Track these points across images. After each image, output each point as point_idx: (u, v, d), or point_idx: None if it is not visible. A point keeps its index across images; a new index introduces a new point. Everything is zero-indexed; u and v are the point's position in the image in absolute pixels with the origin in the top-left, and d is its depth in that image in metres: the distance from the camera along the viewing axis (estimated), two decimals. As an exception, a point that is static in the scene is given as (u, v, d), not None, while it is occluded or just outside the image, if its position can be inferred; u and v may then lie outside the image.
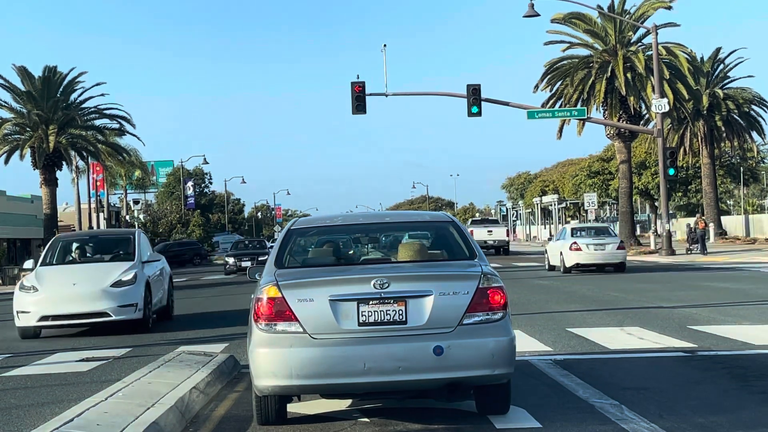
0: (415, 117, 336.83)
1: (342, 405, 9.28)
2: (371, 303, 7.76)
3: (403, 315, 7.78)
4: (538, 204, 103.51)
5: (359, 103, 42.18)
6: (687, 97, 55.26)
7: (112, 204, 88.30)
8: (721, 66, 67.32)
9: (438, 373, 7.69)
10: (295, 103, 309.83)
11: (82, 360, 13.90)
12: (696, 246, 47.05)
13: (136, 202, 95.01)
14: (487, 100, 43.92)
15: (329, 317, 7.74)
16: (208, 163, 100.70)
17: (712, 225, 61.10)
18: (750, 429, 7.95)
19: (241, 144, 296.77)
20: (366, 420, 8.70)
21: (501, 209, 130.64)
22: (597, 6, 53.32)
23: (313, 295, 7.81)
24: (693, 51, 59.09)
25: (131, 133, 62.63)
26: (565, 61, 57.64)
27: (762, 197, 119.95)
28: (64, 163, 59.84)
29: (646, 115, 59.56)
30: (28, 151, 56.19)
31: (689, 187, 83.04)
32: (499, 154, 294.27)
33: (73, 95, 59.67)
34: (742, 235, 66.89)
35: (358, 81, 42.02)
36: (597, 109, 56.51)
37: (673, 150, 48.59)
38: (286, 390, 7.93)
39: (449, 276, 8.15)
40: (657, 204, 77.04)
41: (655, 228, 56.94)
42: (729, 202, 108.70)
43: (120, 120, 61.07)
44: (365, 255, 10.31)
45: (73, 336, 17.98)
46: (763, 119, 67.37)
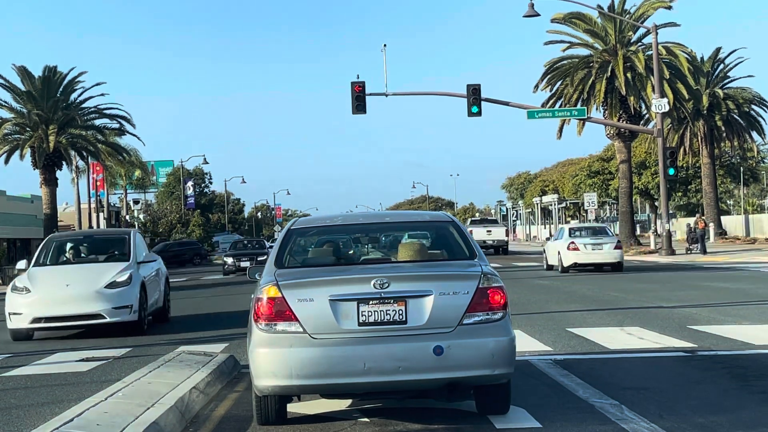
0: (415, 117, 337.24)
1: (342, 405, 9.28)
2: (371, 303, 7.76)
3: (403, 315, 7.78)
4: (538, 204, 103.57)
5: (359, 103, 42.18)
6: (687, 96, 55.27)
7: (112, 204, 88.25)
8: (721, 66, 67.31)
9: (438, 373, 7.68)
10: (295, 103, 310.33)
11: (82, 360, 13.88)
12: (696, 246, 47.04)
13: (136, 202, 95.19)
14: (487, 100, 43.95)
15: (329, 317, 7.74)
16: (208, 163, 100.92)
17: (712, 225, 61.12)
18: (750, 429, 7.95)
19: (241, 144, 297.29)
20: (366, 420, 8.70)
21: (501, 209, 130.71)
22: (597, 6, 53.39)
23: (313, 295, 7.81)
24: (693, 51, 59.09)
25: (131, 133, 62.63)
26: (565, 61, 57.65)
27: (762, 197, 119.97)
28: (64, 163, 59.79)
29: (646, 115, 59.55)
30: (28, 151, 56.13)
31: (689, 187, 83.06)
32: (499, 154, 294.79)
33: (73, 95, 59.62)
34: (742, 235, 66.88)
35: (358, 81, 42.03)
36: (597, 109, 56.56)
37: (673, 150, 48.61)
38: (286, 390, 7.93)
39: (449, 276, 8.14)
40: (657, 204, 77.04)
41: (655, 228, 56.95)
42: (729, 202, 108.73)
43: (120, 120, 61.06)
44: (365, 255, 10.32)
45: (72, 336, 17.88)
46: (763, 119, 67.47)
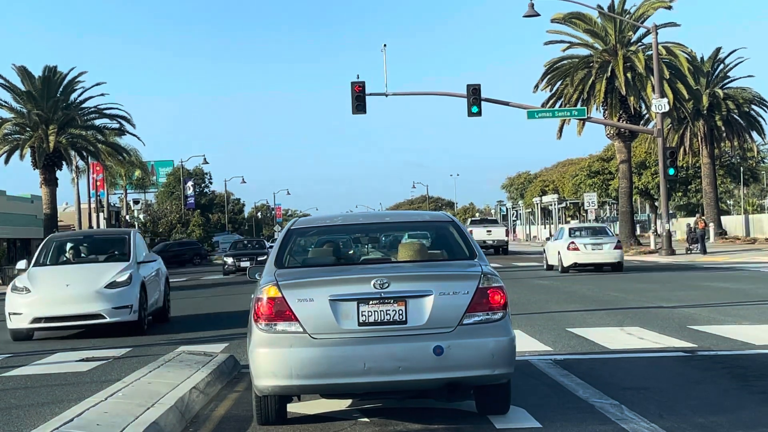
0: (415, 117, 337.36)
1: (342, 405, 9.28)
2: (371, 303, 7.76)
3: (403, 315, 7.77)
4: (538, 204, 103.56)
5: (359, 103, 42.18)
6: (687, 96, 55.27)
7: (112, 204, 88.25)
8: (721, 66, 67.31)
9: (438, 373, 7.68)
10: (295, 103, 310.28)
11: (82, 360, 13.88)
12: (696, 246, 47.04)
13: (136, 202, 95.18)
14: (487, 100, 43.95)
15: (329, 317, 7.73)
16: (208, 163, 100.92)
17: (712, 225, 61.11)
18: (750, 429, 7.95)
19: (241, 144, 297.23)
20: (366, 420, 8.69)
21: (501, 209, 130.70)
22: (597, 6, 53.39)
23: (313, 295, 7.80)
24: (693, 51, 59.10)
25: (131, 133, 62.63)
26: (565, 61, 57.65)
27: (762, 197, 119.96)
28: (64, 163, 59.79)
29: (646, 115, 59.56)
30: (28, 151, 56.13)
31: (689, 187, 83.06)
32: (499, 154, 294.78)
33: (73, 95, 59.62)
34: (742, 235, 66.88)
35: (358, 81, 42.02)
36: (597, 109, 56.57)
37: (673, 150, 48.60)
38: (286, 390, 7.92)
39: (449, 276, 8.14)
40: (657, 204, 77.04)
41: (655, 228, 56.95)
42: (729, 202, 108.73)
43: (120, 120, 61.06)
44: (365, 255, 10.32)
45: (72, 336, 17.87)
46: (763, 119, 67.46)
